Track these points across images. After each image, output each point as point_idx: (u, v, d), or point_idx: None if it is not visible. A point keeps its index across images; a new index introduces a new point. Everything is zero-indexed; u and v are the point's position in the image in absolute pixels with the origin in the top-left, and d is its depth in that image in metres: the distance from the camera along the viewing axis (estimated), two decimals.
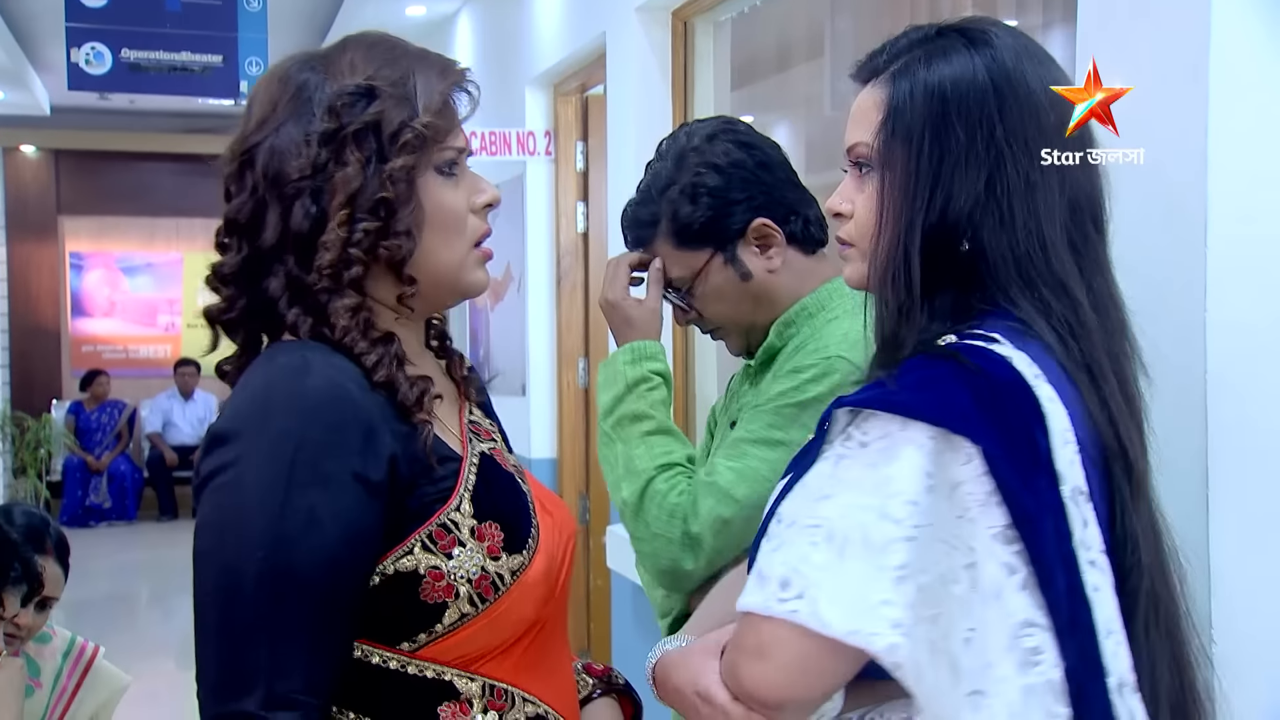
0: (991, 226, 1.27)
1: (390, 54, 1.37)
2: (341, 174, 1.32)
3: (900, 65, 1.33)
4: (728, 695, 1.25)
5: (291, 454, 1.23)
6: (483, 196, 1.40)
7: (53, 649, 2.72)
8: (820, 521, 1.19)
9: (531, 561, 1.36)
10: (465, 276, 1.41)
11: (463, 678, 1.34)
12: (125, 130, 11.76)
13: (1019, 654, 1.17)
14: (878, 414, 1.21)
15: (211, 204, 6.17)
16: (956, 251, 1.28)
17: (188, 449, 11.16)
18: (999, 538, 1.18)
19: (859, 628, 1.14)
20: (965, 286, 1.29)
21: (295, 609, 1.23)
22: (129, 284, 12.28)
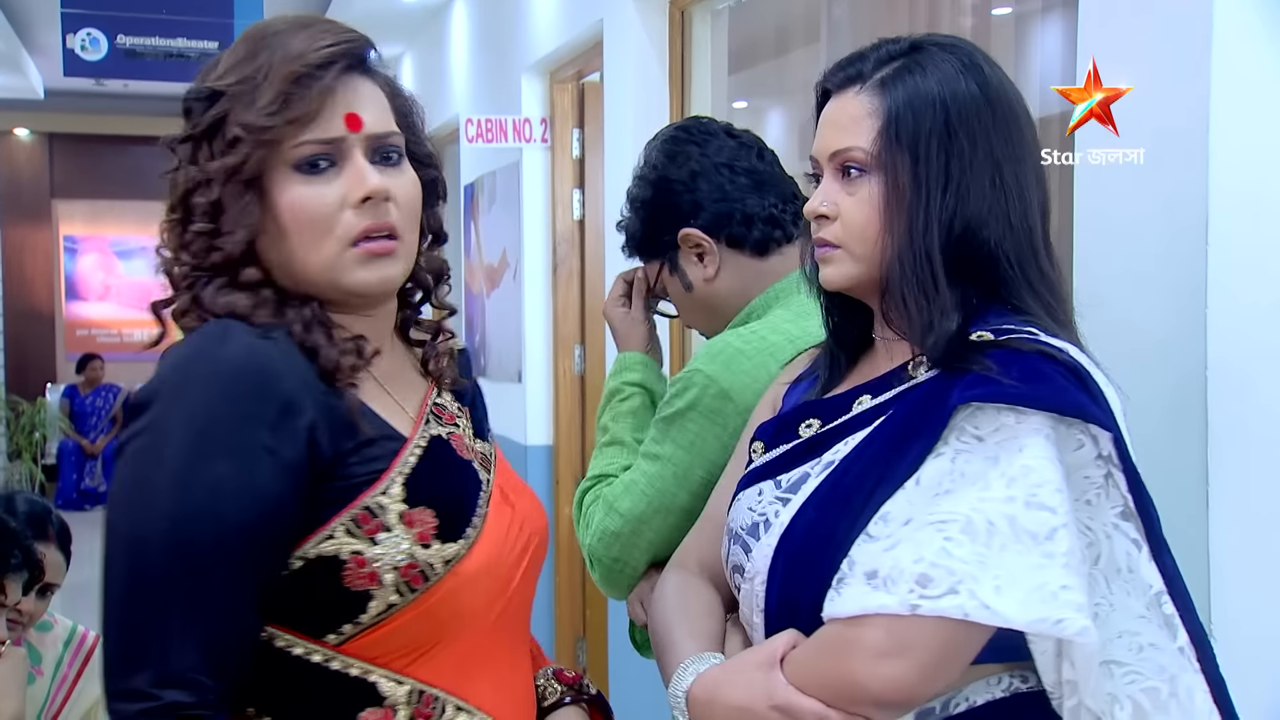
0: (996, 227, 1.33)
1: (254, 47, 1.30)
2: (183, 174, 1.30)
3: (887, 74, 1.37)
4: (817, 704, 1.25)
5: (202, 424, 1.19)
6: (359, 190, 1.28)
7: (54, 637, 2.72)
8: (949, 517, 1.22)
9: (470, 551, 1.29)
10: (343, 278, 1.30)
11: (390, 679, 1.27)
12: (119, 114, 11.74)
13: (1160, 619, 1.25)
14: (987, 407, 1.25)
15: None
16: (969, 250, 1.33)
17: None
18: (1121, 516, 1.26)
19: (1046, 615, 1.18)
20: (970, 283, 1.34)
21: (197, 584, 1.18)
22: (123, 268, 12.27)
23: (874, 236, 1.36)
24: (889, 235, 1.35)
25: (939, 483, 1.25)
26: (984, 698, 1.30)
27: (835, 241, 1.39)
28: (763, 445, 1.48)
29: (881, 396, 1.38)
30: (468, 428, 1.44)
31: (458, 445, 1.37)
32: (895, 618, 1.21)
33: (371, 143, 1.30)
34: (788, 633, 1.32)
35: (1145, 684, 1.26)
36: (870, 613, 1.22)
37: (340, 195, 1.28)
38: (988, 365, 1.27)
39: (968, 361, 1.29)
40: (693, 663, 1.39)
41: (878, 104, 1.36)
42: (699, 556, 1.56)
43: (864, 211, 1.36)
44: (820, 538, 1.31)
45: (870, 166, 1.36)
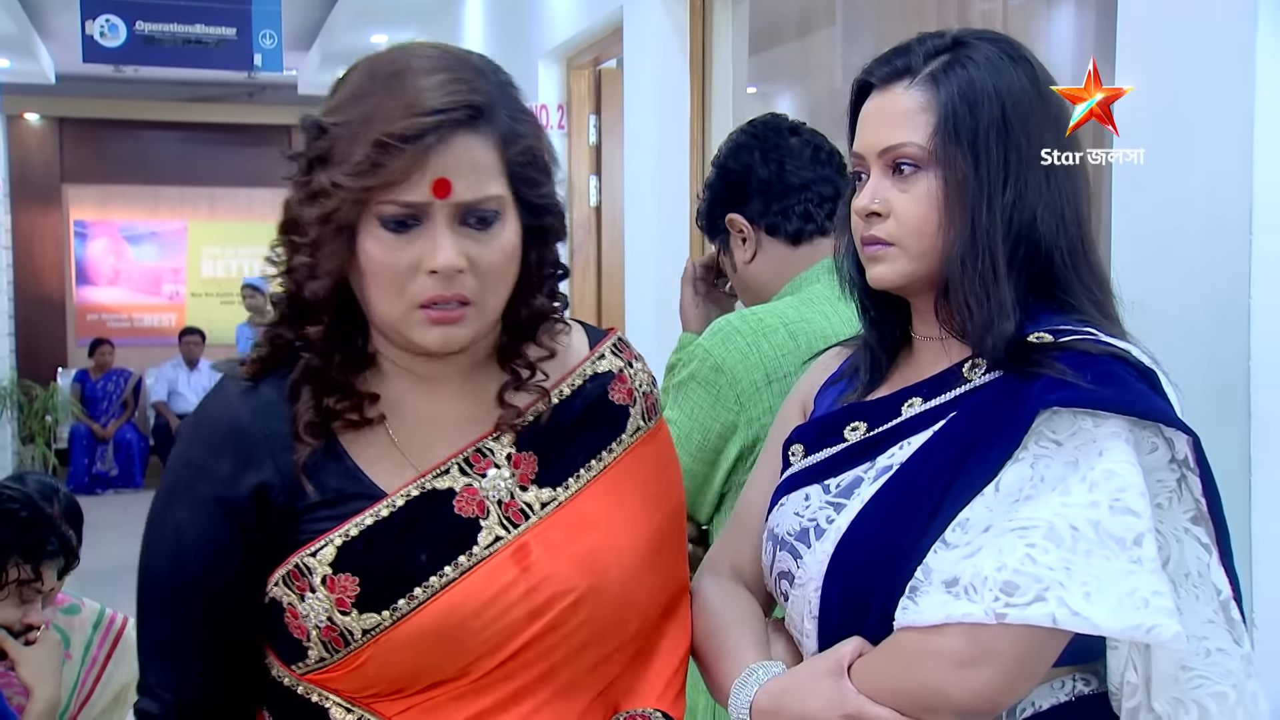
0: (1050, 221, 1.32)
1: (369, 86, 1.27)
2: (292, 199, 1.31)
3: (937, 68, 1.35)
4: (892, 713, 1.25)
5: (176, 472, 1.36)
6: (428, 263, 1.26)
7: (82, 620, 2.74)
8: (1031, 523, 1.21)
9: (400, 622, 1.27)
10: (409, 334, 1.30)
11: (340, 707, 1.32)
12: (129, 98, 11.73)
13: (1226, 624, 1.25)
14: (1063, 411, 1.24)
15: (214, 173, 6.29)
16: (1027, 246, 1.32)
17: None
18: (1193, 521, 1.26)
19: (1140, 621, 1.17)
20: (1025, 280, 1.34)
21: (157, 614, 1.37)
22: (133, 252, 12.28)
23: (931, 233, 1.34)
24: (948, 233, 1.33)
25: (1019, 488, 1.24)
26: (1049, 701, 1.30)
27: (889, 239, 1.37)
28: (803, 449, 1.46)
29: (936, 400, 1.36)
30: (513, 476, 1.36)
31: (463, 501, 1.33)
32: (978, 626, 1.20)
33: (460, 209, 1.27)
34: (853, 640, 1.30)
35: (1213, 688, 1.25)
36: (954, 621, 1.21)
37: (415, 259, 1.26)
38: (1061, 369, 1.26)
39: (1036, 365, 1.28)
40: (754, 671, 1.36)
41: (930, 98, 1.34)
42: (732, 561, 1.53)
43: (920, 209, 1.34)
44: (886, 545, 1.29)
45: (925, 163, 1.34)
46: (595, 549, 1.36)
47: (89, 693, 2.69)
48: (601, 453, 1.40)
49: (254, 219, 12.52)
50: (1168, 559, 1.25)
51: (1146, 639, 1.18)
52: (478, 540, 1.31)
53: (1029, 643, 1.21)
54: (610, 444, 1.41)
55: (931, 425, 1.34)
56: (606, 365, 1.44)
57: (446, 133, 1.24)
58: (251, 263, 12.54)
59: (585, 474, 1.39)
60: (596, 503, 1.38)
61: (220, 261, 12.45)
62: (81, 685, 2.68)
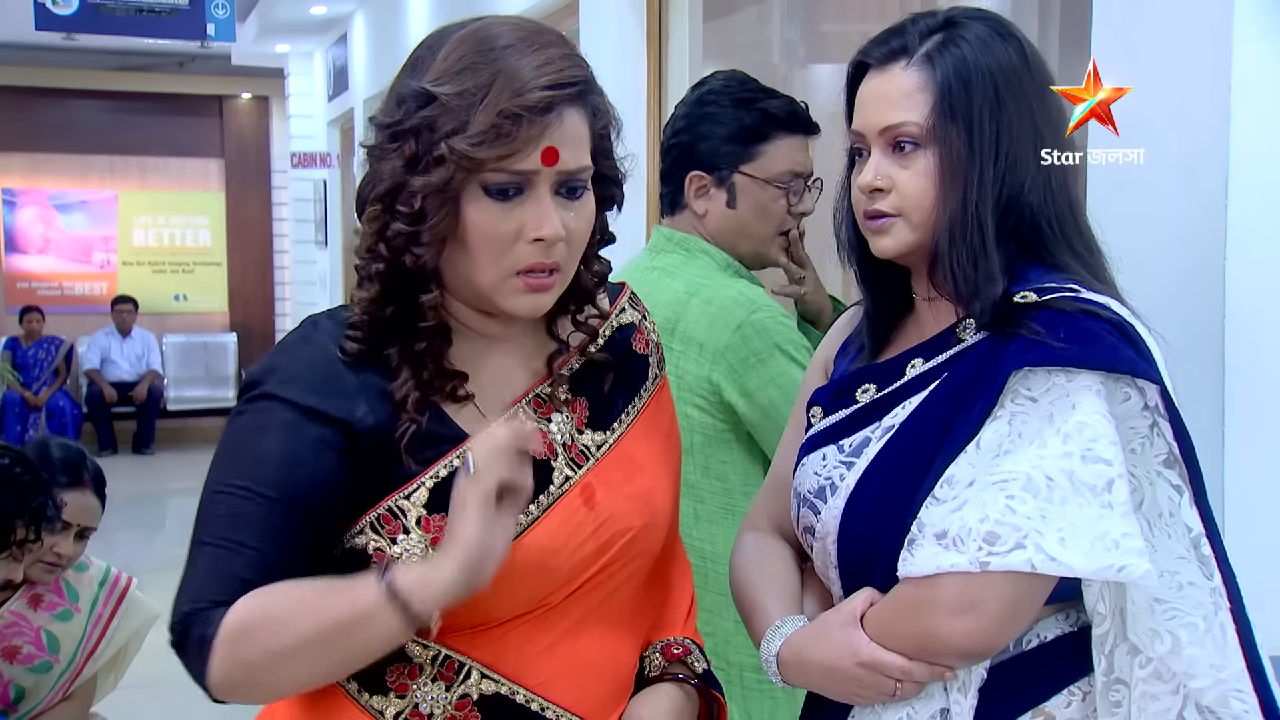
0: (1038, 192, 1.40)
1: (478, 59, 1.29)
2: (388, 167, 1.31)
3: (932, 48, 1.41)
4: (902, 659, 1.35)
5: (268, 416, 1.32)
6: (535, 231, 1.30)
7: (89, 577, 2.85)
8: (1010, 476, 1.29)
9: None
10: (501, 300, 1.34)
11: (416, 644, 1.34)
12: (57, 67, 11.63)
13: (1198, 560, 1.33)
14: (1036, 370, 1.32)
15: (144, 142, 6.41)
16: (1015, 215, 1.39)
17: (127, 385, 11.20)
18: (1165, 464, 1.34)
19: (1110, 562, 1.25)
20: (1014, 246, 1.40)
21: (250, 517, 1.29)
22: (63, 221, 12.20)
23: (930, 205, 1.40)
24: (943, 205, 1.39)
25: (998, 444, 1.32)
26: (1053, 633, 1.40)
27: (894, 211, 1.43)
28: (821, 410, 1.54)
29: (934, 360, 1.44)
30: (570, 420, 1.43)
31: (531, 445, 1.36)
32: (967, 575, 1.28)
33: (561, 177, 1.31)
34: (864, 592, 1.40)
35: (1185, 619, 1.32)
36: (943, 571, 1.29)
37: (518, 226, 1.30)
38: (1036, 329, 1.32)
39: (1015, 325, 1.35)
40: (780, 626, 1.47)
41: (927, 78, 1.40)
42: (769, 515, 1.63)
43: (920, 183, 1.40)
44: (888, 501, 1.38)
45: (924, 140, 1.40)
46: (647, 489, 1.45)
47: (94, 646, 2.81)
48: (635, 399, 1.49)
49: (186, 189, 12.52)
50: (1141, 501, 1.32)
51: (1118, 578, 1.26)
52: (552, 480, 1.38)
53: (1014, 588, 1.29)
54: (640, 391, 1.50)
55: (928, 385, 1.43)
56: (628, 317, 1.53)
57: (564, 106, 1.29)
58: (183, 232, 12.56)
59: (625, 419, 1.47)
60: (637, 446, 1.46)
61: (152, 230, 12.41)
62: (88, 639, 2.79)
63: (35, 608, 2.75)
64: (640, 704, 1.46)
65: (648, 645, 1.52)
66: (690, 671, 1.51)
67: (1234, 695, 1.32)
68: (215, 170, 12.62)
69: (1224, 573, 1.34)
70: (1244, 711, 1.32)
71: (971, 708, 1.36)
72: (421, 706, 1.36)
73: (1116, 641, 1.35)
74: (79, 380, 11.37)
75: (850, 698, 1.42)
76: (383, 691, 1.36)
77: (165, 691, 5.00)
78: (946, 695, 1.38)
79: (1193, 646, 1.32)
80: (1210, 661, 1.32)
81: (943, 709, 1.38)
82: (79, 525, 2.76)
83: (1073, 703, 1.38)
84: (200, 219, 12.57)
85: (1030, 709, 1.37)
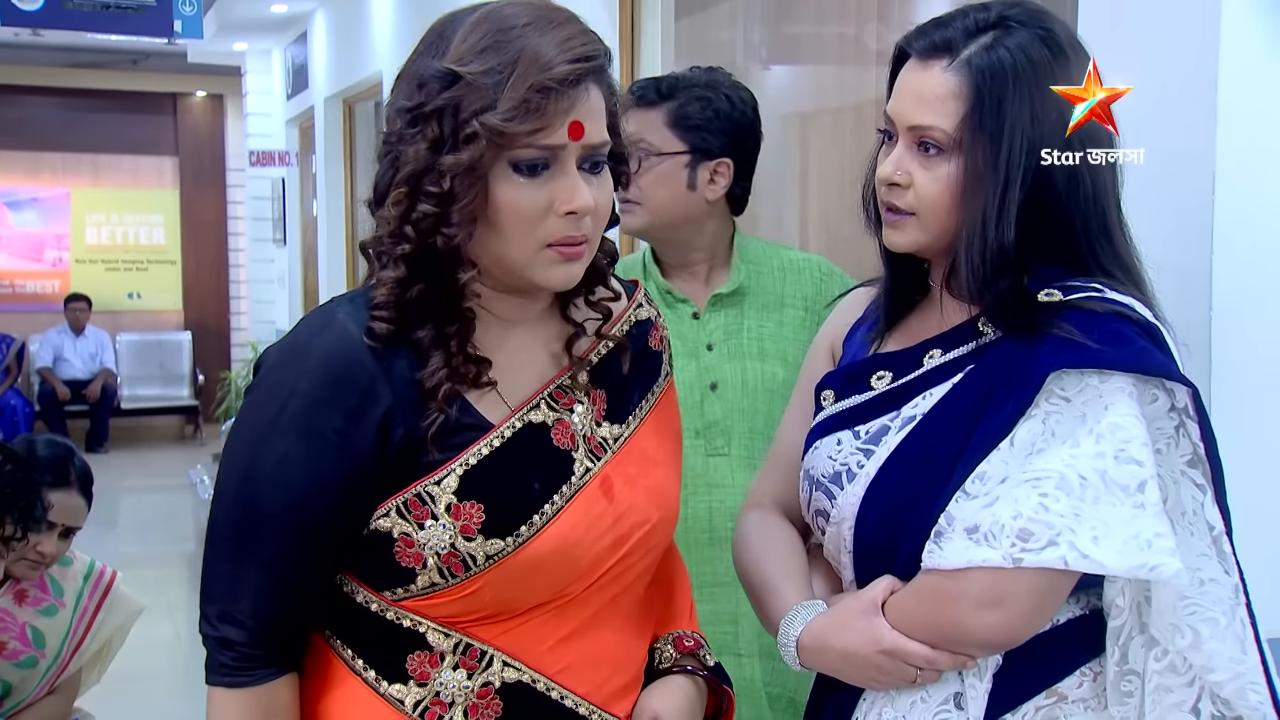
0: (1069, 204, 1.40)
1: (499, 38, 1.29)
2: (413, 149, 1.30)
3: (974, 53, 1.39)
4: (925, 648, 1.37)
5: (283, 401, 1.32)
6: (566, 205, 1.31)
7: (74, 572, 2.85)
8: (1043, 474, 1.31)
9: (522, 547, 1.33)
10: (533, 273, 1.35)
11: (438, 632, 1.35)
12: (9, 63, 11.47)
13: (1218, 557, 1.36)
14: (1069, 371, 1.33)
15: (98, 139, 6.35)
16: (1042, 228, 1.39)
17: (80, 383, 11.10)
18: (1189, 464, 1.36)
19: (1144, 561, 1.27)
20: (1039, 249, 1.41)
21: (253, 542, 1.33)
22: (14, 218, 12.06)
23: (946, 212, 1.41)
24: (961, 215, 1.39)
25: (1032, 443, 1.33)
26: (1066, 616, 1.42)
27: (908, 209, 1.44)
28: (833, 394, 1.55)
29: (953, 352, 1.45)
30: (590, 411, 1.43)
31: (559, 433, 1.39)
32: (997, 570, 1.30)
33: (585, 151, 1.33)
34: (885, 580, 1.43)
35: (1206, 614, 1.34)
36: (975, 566, 1.31)
37: (548, 200, 1.31)
38: (1069, 329, 1.34)
39: (1045, 324, 1.36)
40: (800, 610, 1.48)
41: (964, 86, 1.38)
42: (773, 495, 1.64)
43: (939, 189, 1.41)
44: (912, 491, 1.40)
45: (950, 148, 1.39)
46: (661, 483, 1.47)
47: (80, 640, 2.80)
48: (649, 394, 1.51)
49: (140, 186, 12.39)
50: (1165, 498, 1.33)
51: (1150, 577, 1.28)
52: (574, 471, 1.38)
53: (1043, 584, 1.32)
54: (654, 386, 1.52)
55: (950, 378, 1.44)
56: (645, 314, 1.54)
57: (589, 80, 1.32)
58: (137, 229, 12.45)
59: (639, 413, 1.48)
60: (650, 440, 1.48)
61: (105, 228, 12.28)
62: (73, 633, 2.79)
63: (20, 603, 2.76)
64: (654, 695, 1.48)
65: (657, 638, 1.54)
66: (701, 664, 1.53)
67: (1251, 688, 1.35)
68: (169, 168, 12.51)
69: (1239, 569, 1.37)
70: (1260, 703, 1.36)
71: (986, 691, 1.39)
72: (443, 695, 1.36)
73: (1132, 634, 1.38)
74: (30, 379, 11.24)
75: (869, 683, 1.44)
76: (403, 680, 1.37)
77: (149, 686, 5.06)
78: (961, 680, 1.41)
79: (1213, 641, 1.34)
80: (1230, 655, 1.35)
81: (957, 693, 1.41)
82: (63, 525, 2.76)
83: (1084, 683, 1.41)
84: (154, 217, 12.45)
85: (1043, 690, 1.40)
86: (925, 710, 1.41)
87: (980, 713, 1.38)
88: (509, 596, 1.35)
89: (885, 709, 1.44)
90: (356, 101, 8.80)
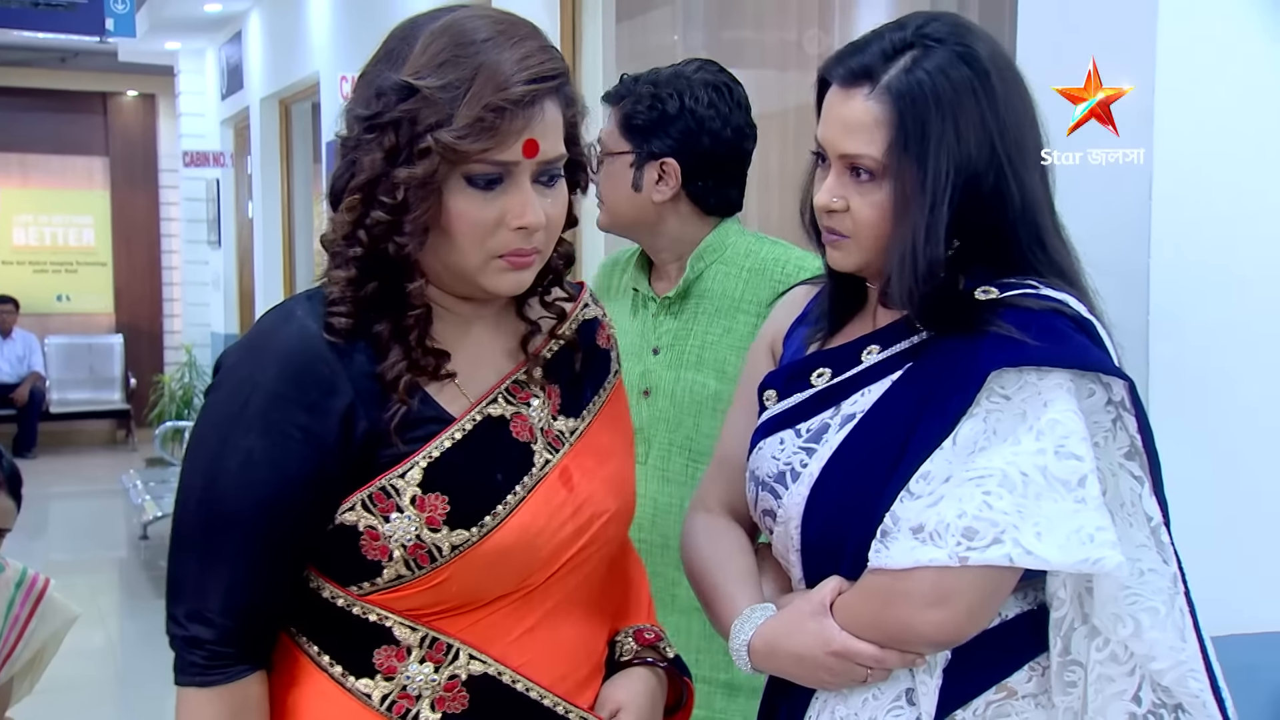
0: (1001, 214, 1.41)
1: (458, 51, 1.30)
2: (368, 158, 1.31)
3: (894, 79, 1.40)
4: (874, 648, 1.38)
5: (245, 398, 1.33)
6: (518, 220, 1.33)
7: (5, 579, 2.75)
8: (986, 472, 1.32)
9: (486, 538, 1.35)
10: (484, 280, 1.37)
11: (404, 626, 1.36)
12: None
13: (1157, 548, 1.38)
14: (1009, 369, 1.35)
15: (25, 139, 6.27)
16: (975, 238, 1.41)
17: (7, 386, 10.95)
18: (1126, 456, 1.38)
19: (1086, 555, 1.29)
20: (972, 254, 1.43)
21: (221, 540, 1.34)
22: None
23: (883, 234, 1.43)
24: (894, 234, 1.41)
25: (974, 441, 1.35)
26: (1013, 611, 1.43)
27: (846, 233, 1.46)
28: (776, 393, 1.55)
29: (891, 349, 1.47)
30: (546, 405, 1.46)
31: (517, 426, 1.42)
32: (942, 569, 1.32)
33: (540, 167, 1.34)
34: (833, 580, 1.43)
35: (1146, 604, 1.37)
36: (921, 565, 1.33)
37: (500, 214, 1.33)
38: (1007, 327, 1.36)
39: (983, 322, 1.38)
40: (750, 614, 1.49)
41: (887, 113, 1.39)
42: (719, 497, 1.65)
43: (875, 214, 1.43)
44: (856, 491, 1.41)
45: (880, 174, 1.41)
46: (617, 473, 1.50)
47: (10, 649, 2.72)
48: (600, 390, 1.53)
49: (69, 187, 12.21)
50: (1104, 491, 1.34)
51: (1093, 570, 1.30)
52: (534, 462, 1.41)
53: (988, 581, 1.33)
54: (604, 383, 1.54)
55: (889, 375, 1.46)
56: (592, 313, 1.56)
57: (545, 98, 1.33)
58: (66, 231, 12.26)
59: (593, 408, 1.51)
60: (604, 433, 1.51)
61: (33, 229, 12.09)
62: (4, 642, 2.71)
63: None
64: (617, 686, 1.50)
65: (618, 631, 1.56)
66: (661, 656, 1.56)
67: (1191, 675, 1.38)
68: (100, 168, 12.34)
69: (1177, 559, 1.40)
70: (1200, 690, 1.38)
71: (937, 687, 1.40)
72: (410, 688, 1.37)
73: (1075, 625, 1.40)
74: None
75: (820, 684, 1.45)
76: (369, 674, 1.37)
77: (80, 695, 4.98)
78: (912, 676, 1.42)
79: (1154, 630, 1.36)
80: (1170, 644, 1.37)
81: (908, 689, 1.42)
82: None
83: (1033, 677, 1.42)
84: (84, 218, 12.28)
85: (993, 685, 1.42)
86: (878, 707, 1.42)
87: (932, 708, 1.40)
88: (474, 587, 1.37)
89: (838, 707, 1.45)
90: (293, 102, 8.73)
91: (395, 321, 1.36)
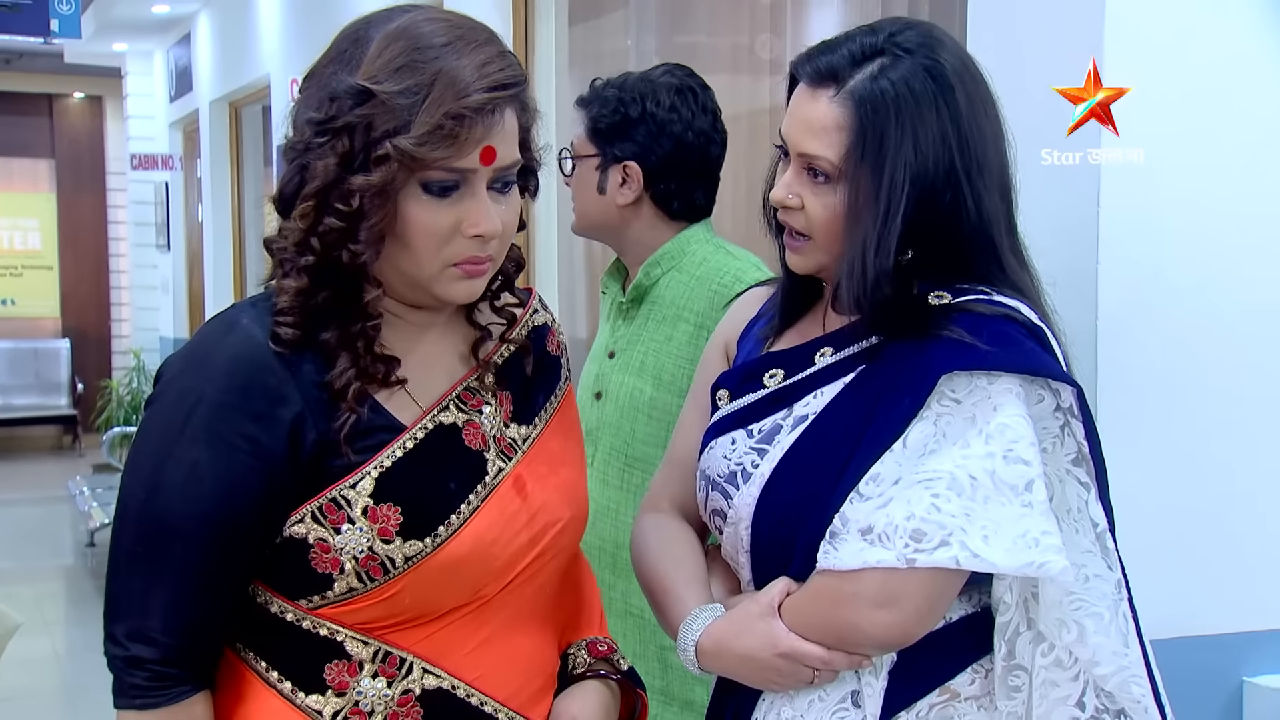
0: (957, 228, 1.42)
1: (415, 57, 1.27)
2: (322, 164, 1.28)
3: (859, 84, 1.40)
4: (821, 649, 1.39)
5: (189, 409, 1.29)
6: (474, 228, 1.32)
7: None
8: (935, 475, 1.33)
9: (440, 549, 1.33)
10: (438, 288, 1.35)
11: (356, 640, 1.34)
12: None
13: (1102, 553, 1.39)
14: (959, 373, 1.35)
15: None
16: (928, 250, 1.42)
17: None
18: (1074, 462, 1.39)
19: (1031, 559, 1.30)
20: (925, 262, 1.43)
21: (164, 555, 1.29)
22: None
23: (836, 235, 1.43)
24: (846, 238, 1.42)
25: (924, 444, 1.35)
26: (958, 614, 1.44)
27: (805, 232, 1.46)
28: (728, 394, 1.55)
29: (844, 352, 1.47)
30: (498, 412, 1.44)
31: (470, 434, 1.39)
32: (889, 570, 1.32)
33: (497, 173, 1.33)
34: (781, 581, 1.44)
35: (1091, 609, 1.37)
36: (869, 566, 1.33)
37: (456, 221, 1.31)
38: (959, 332, 1.37)
39: (936, 326, 1.39)
40: (699, 615, 1.48)
41: (848, 118, 1.40)
42: (670, 496, 1.65)
43: (828, 216, 1.43)
44: (806, 492, 1.42)
45: (836, 177, 1.42)
46: (570, 481, 1.49)
47: None
48: (552, 396, 1.51)
49: (13, 190, 12.08)
50: (1051, 496, 1.36)
51: (1038, 574, 1.31)
52: (487, 471, 1.38)
53: (935, 583, 1.34)
54: (555, 389, 1.52)
55: (841, 377, 1.46)
56: (541, 319, 1.55)
57: (505, 105, 1.31)
58: (11, 234, 12.10)
59: (545, 414, 1.49)
60: (556, 440, 1.49)
61: None
62: None
63: None
64: (571, 699, 1.48)
65: (570, 644, 1.55)
66: (615, 669, 1.54)
67: (1134, 681, 1.39)
68: (45, 171, 12.22)
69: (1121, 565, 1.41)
70: (1142, 695, 1.39)
71: (882, 689, 1.41)
72: (362, 704, 1.34)
73: (1020, 630, 1.41)
74: None
75: (767, 685, 1.45)
76: (320, 690, 1.34)
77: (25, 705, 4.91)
78: (858, 678, 1.42)
79: (1098, 635, 1.38)
80: (1113, 649, 1.38)
81: (854, 691, 1.42)
82: None
83: (976, 680, 1.43)
84: (29, 221, 12.14)
85: (937, 687, 1.42)
86: (823, 709, 1.43)
87: (877, 710, 1.40)
88: (428, 599, 1.34)
89: (784, 708, 1.45)
90: (243, 105, 8.66)
91: (343, 329, 1.33)
